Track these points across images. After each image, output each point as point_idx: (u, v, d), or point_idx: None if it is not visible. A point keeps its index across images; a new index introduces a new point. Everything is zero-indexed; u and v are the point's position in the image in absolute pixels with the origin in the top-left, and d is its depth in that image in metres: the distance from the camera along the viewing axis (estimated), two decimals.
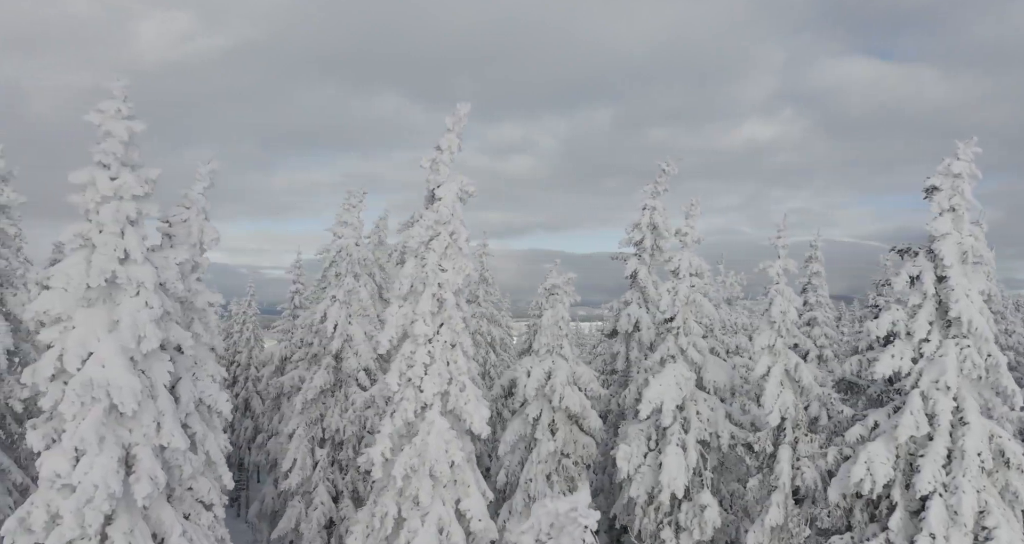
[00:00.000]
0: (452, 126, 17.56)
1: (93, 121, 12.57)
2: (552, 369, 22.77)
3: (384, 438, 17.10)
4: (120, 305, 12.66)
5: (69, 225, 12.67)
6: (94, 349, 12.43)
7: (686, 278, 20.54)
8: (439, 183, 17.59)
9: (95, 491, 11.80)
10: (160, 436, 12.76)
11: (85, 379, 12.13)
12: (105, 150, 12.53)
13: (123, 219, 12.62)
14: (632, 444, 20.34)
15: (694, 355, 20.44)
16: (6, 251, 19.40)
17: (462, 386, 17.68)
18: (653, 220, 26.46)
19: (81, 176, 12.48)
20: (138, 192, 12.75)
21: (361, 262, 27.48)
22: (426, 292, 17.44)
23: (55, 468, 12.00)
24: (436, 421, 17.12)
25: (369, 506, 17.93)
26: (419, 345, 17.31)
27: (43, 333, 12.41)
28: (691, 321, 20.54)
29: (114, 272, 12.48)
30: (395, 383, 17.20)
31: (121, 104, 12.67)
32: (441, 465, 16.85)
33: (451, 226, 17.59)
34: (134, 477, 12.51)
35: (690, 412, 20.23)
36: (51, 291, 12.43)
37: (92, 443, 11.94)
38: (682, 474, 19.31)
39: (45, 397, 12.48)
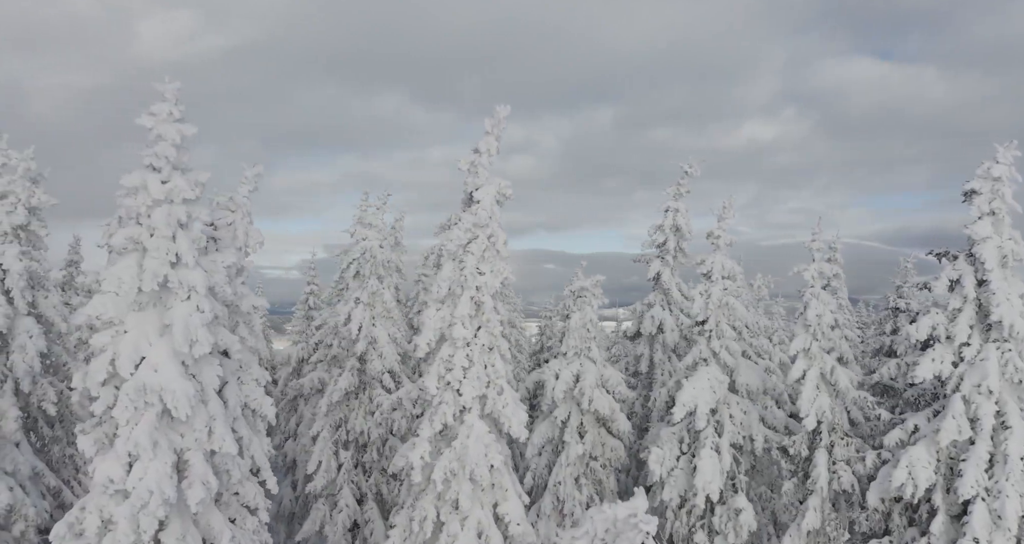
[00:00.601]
0: (491, 129, 17.51)
1: (145, 124, 12.49)
2: (580, 372, 22.72)
3: (423, 441, 17.02)
4: (171, 309, 12.58)
5: (120, 229, 12.59)
6: (146, 353, 12.37)
7: (719, 281, 20.49)
8: (477, 186, 17.53)
9: (150, 497, 11.72)
10: (212, 441, 12.68)
11: (138, 384, 12.06)
12: (157, 153, 12.45)
13: (174, 223, 12.55)
14: (664, 447, 20.28)
15: (727, 358, 20.40)
16: (37, 253, 19.30)
17: (500, 389, 17.62)
18: (676, 222, 26.44)
19: (133, 179, 12.40)
20: (189, 195, 12.67)
21: (385, 264, 27.38)
22: (464, 295, 17.38)
23: (108, 473, 11.91)
24: (475, 425, 17.06)
25: (406, 510, 17.87)
26: (457, 348, 17.24)
27: (95, 337, 12.33)
28: (723, 324, 20.49)
29: (166, 276, 12.41)
30: (433, 386, 17.13)
31: (172, 107, 12.59)
32: (481, 469, 16.79)
33: (489, 229, 17.53)
34: (186, 483, 12.43)
35: (723, 415, 20.18)
36: (102, 295, 12.35)
37: (146, 448, 11.86)
38: (717, 477, 19.27)
39: (97, 402, 12.40)
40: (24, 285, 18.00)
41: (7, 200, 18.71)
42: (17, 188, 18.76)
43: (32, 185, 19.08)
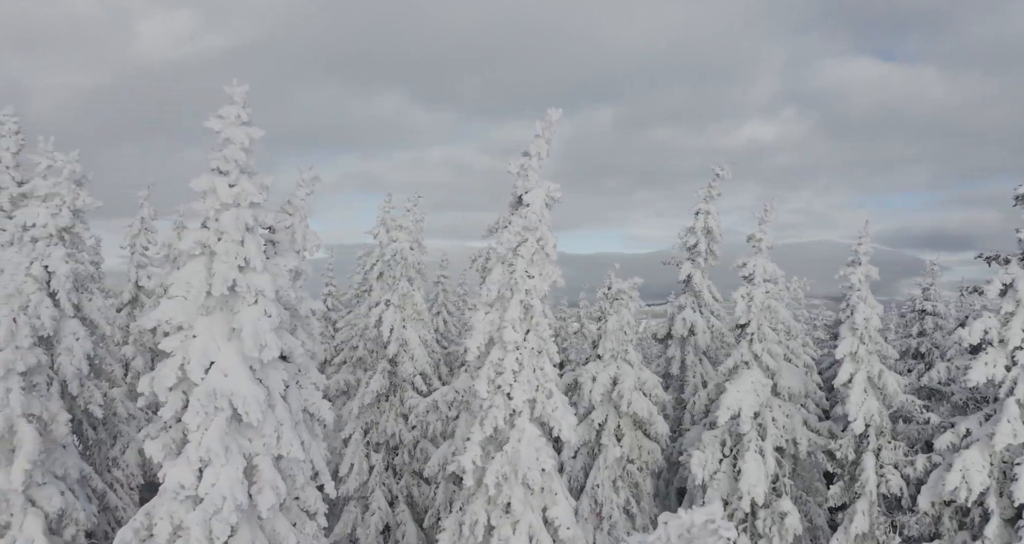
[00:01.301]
0: (541, 131, 17.44)
1: (214, 127, 12.43)
2: (618, 375, 22.67)
3: (474, 445, 16.96)
4: (239, 313, 12.52)
5: (189, 233, 12.53)
6: (215, 358, 12.30)
7: (761, 284, 20.44)
8: (527, 189, 17.46)
9: (223, 502, 11.66)
10: (280, 446, 12.62)
11: (209, 389, 12.00)
12: (226, 156, 12.39)
13: (242, 226, 12.49)
14: (706, 450, 20.23)
15: (769, 361, 20.34)
16: (81, 255, 19.22)
17: (548, 393, 17.58)
18: (707, 224, 26.43)
19: (202, 183, 12.35)
20: (256, 199, 12.62)
21: (415, 266, 27.32)
22: (514, 299, 17.33)
23: (179, 479, 11.85)
24: (527, 428, 17.01)
25: (456, 514, 17.81)
26: (508, 352, 17.19)
27: (164, 342, 12.27)
28: (765, 327, 20.44)
29: (234, 280, 12.35)
30: (484, 390, 17.07)
31: (241, 110, 12.53)
32: (533, 473, 16.74)
33: (538, 232, 17.48)
34: (255, 488, 12.37)
35: (765, 418, 20.13)
36: (171, 300, 12.28)
37: (218, 453, 11.80)
38: (762, 481, 19.21)
39: (165, 407, 12.34)
40: (70, 287, 17.90)
41: (52, 202, 18.62)
42: (62, 190, 18.66)
43: (76, 187, 18.98)
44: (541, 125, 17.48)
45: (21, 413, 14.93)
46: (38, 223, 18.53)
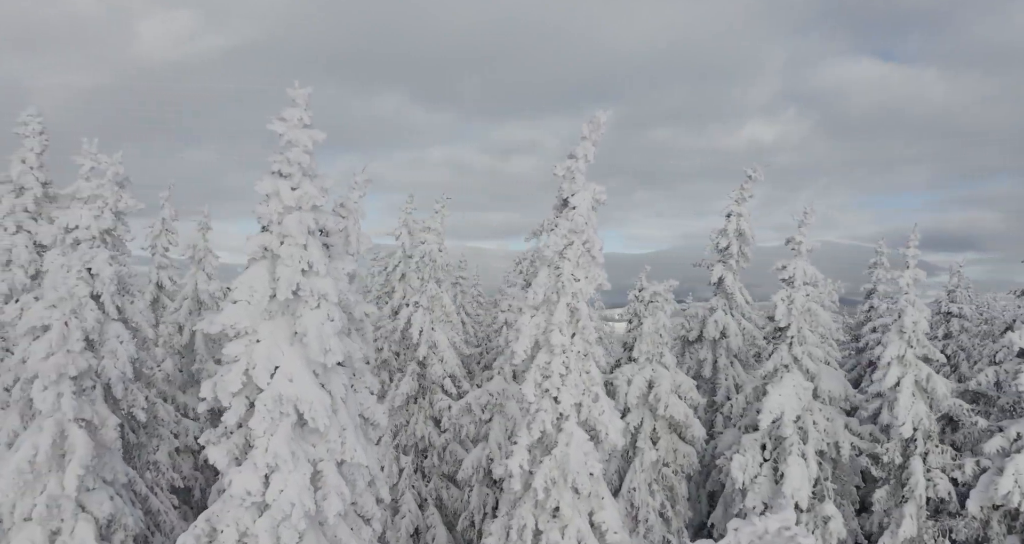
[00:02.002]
0: (588, 134, 17.37)
1: (277, 130, 12.36)
2: (654, 378, 22.61)
3: (521, 449, 16.87)
4: (302, 318, 12.44)
5: (252, 237, 12.45)
6: (279, 363, 12.22)
7: (801, 287, 20.37)
8: (574, 192, 17.38)
9: (291, 509, 11.58)
10: (344, 451, 12.53)
11: (275, 394, 11.92)
12: (289, 159, 12.32)
13: (305, 230, 12.41)
14: (747, 454, 20.15)
15: (809, 364, 20.27)
16: (122, 257, 19.13)
17: (595, 397, 17.50)
18: (740, 227, 26.36)
19: (266, 186, 12.27)
20: (318, 202, 12.55)
21: (444, 268, 27.23)
22: (560, 302, 17.26)
23: (246, 486, 11.76)
24: (575, 432, 16.92)
25: (502, 518, 17.71)
26: (555, 355, 17.11)
27: (228, 347, 12.18)
28: (805, 330, 20.37)
29: (298, 284, 12.26)
30: (531, 393, 16.98)
31: (303, 113, 12.46)
32: (582, 477, 16.67)
33: (584, 235, 17.39)
34: (320, 494, 12.28)
35: (807, 422, 20.06)
36: (235, 304, 12.20)
37: (286, 460, 11.71)
38: (805, 485, 19.14)
39: (228, 412, 12.26)
40: (114, 290, 17.78)
41: (95, 204, 18.53)
42: (105, 192, 18.57)
43: (119, 189, 18.90)
44: (588, 127, 17.40)
45: (73, 418, 14.84)
46: (81, 225, 18.44)
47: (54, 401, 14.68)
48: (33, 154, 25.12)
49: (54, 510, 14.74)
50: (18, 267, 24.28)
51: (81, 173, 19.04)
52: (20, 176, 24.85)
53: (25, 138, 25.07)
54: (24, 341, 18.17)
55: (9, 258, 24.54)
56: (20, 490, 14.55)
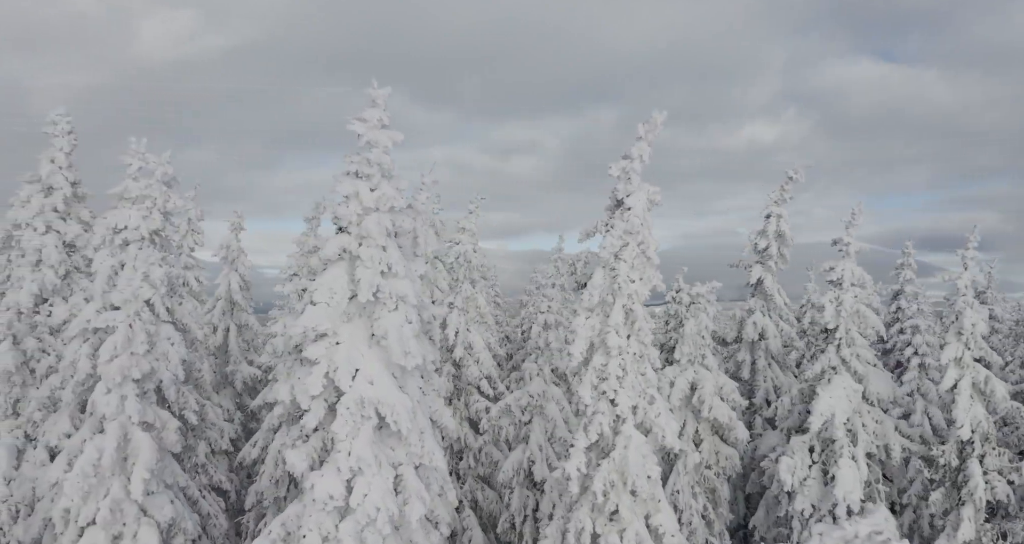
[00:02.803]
0: (644, 134, 17.25)
1: (357, 131, 12.23)
2: (696, 380, 22.50)
3: (579, 452, 16.74)
4: (380, 320, 12.33)
5: (332, 238, 12.32)
6: (359, 366, 12.09)
7: (849, 288, 20.28)
8: (629, 192, 17.27)
9: (377, 513, 11.46)
10: (423, 454, 12.41)
11: (357, 397, 11.80)
12: (369, 160, 12.20)
13: (384, 231, 12.29)
14: (796, 456, 20.05)
15: (857, 366, 20.19)
16: (172, 258, 18.97)
17: (651, 399, 17.40)
18: (780, 228, 26.25)
19: (346, 187, 12.14)
20: (396, 203, 12.42)
21: (479, 268, 27.09)
22: (617, 303, 17.14)
23: (329, 490, 11.63)
24: (633, 435, 16.81)
25: (558, 521, 17.58)
26: (611, 357, 16.99)
27: (309, 349, 12.05)
28: (854, 332, 20.28)
29: (378, 286, 12.14)
30: (588, 396, 16.87)
31: (382, 113, 12.34)
32: (641, 480, 16.56)
33: (640, 236, 17.29)
34: (401, 498, 12.16)
35: (856, 424, 19.97)
36: (315, 306, 12.08)
37: (370, 464, 11.60)
38: (857, 487, 19.03)
39: (307, 415, 12.12)
40: (164, 291, 17.65)
41: (144, 204, 18.38)
42: (154, 192, 18.43)
43: (166, 189, 18.74)
44: (644, 128, 17.28)
45: (137, 421, 14.70)
46: (129, 226, 18.30)
47: (118, 404, 14.54)
48: (62, 154, 25.03)
49: (117, 514, 14.60)
50: (48, 267, 24.17)
51: (129, 173, 18.88)
52: (49, 176, 24.74)
53: (54, 138, 24.98)
54: (75, 343, 18.05)
55: (39, 258, 24.41)
56: (84, 494, 14.39)
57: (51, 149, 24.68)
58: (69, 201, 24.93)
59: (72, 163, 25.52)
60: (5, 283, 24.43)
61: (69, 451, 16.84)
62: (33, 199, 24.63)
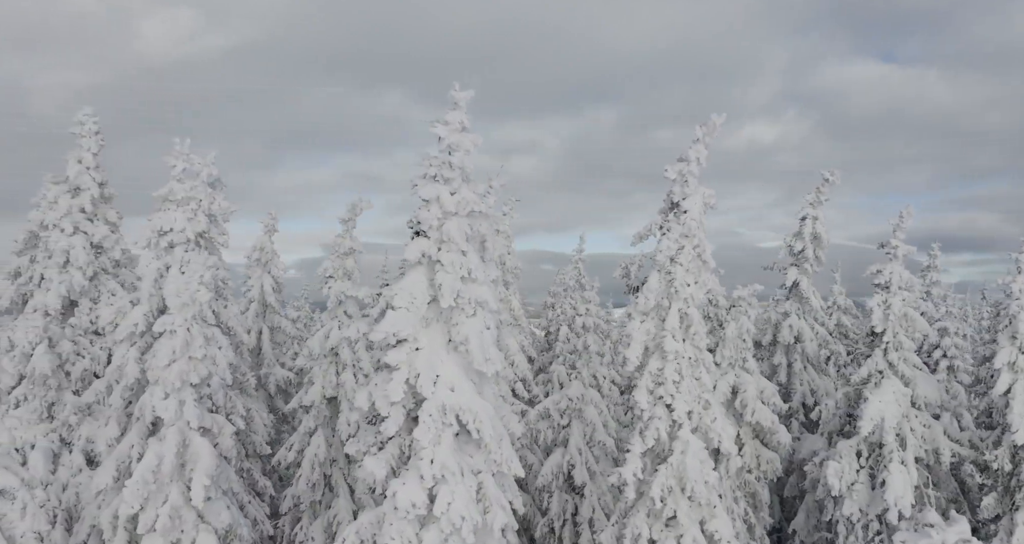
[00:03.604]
0: (702, 136, 17.08)
1: (439, 134, 12.01)
2: (737, 383, 22.35)
3: (635, 457, 16.57)
4: (458, 325, 12.11)
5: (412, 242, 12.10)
6: (440, 372, 11.88)
7: (897, 292, 20.16)
8: (685, 195, 17.11)
9: (462, 522, 11.25)
10: (503, 462, 12.21)
11: (439, 403, 11.59)
12: (452, 163, 11.99)
13: (464, 236, 12.08)
14: (843, 461, 19.92)
15: (905, 370, 20.07)
16: (216, 260, 18.73)
17: (706, 404, 17.24)
18: (816, 230, 26.12)
19: (428, 191, 11.92)
20: (476, 207, 12.21)
21: (512, 270, 26.89)
22: (673, 307, 16.98)
23: (412, 498, 11.42)
24: (691, 441, 16.65)
25: (614, 527, 17.41)
26: (668, 362, 16.83)
27: (390, 355, 11.82)
28: (901, 335, 20.16)
29: (458, 292, 11.93)
30: (644, 401, 16.70)
31: (464, 116, 12.12)
32: (699, 486, 16.41)
33: (696, 239, 17.14)
34: (482, 506, 11.95)
35: (904, 429, 19.86)
36: (396, 311, 11.85)
37: (454, 472, 11.39)
38: (908, 492, 18.93)
39: (387, 422, 11.90)
40: (211, 295, 17.41)
41: (188, 206, 18.13)
42: (199, 193, 18.19)
43: (211, 191, 18.50)
44: (702, 130, 17.12)
45: (196, 426, 14.45)
46: (175, 228, 18.06)
47: (176, 409, 14.30)
48: (89, 154, 24.74)
49: (176, 521, 14.36)
50: (76, 269, 23.88)
51: (173, 174, 18.66)
52: (77, 176, 24.44)
53: (81, 138, 24.69)
54: (122, 347, 17.80)
55: (67, 259, 24.11)
56: (144, 501, 14.14)
57: (78, 149, 24.38)
58: (96, 202, 24.64)
59: (99, 163, 25.24)
60: (27, 284, 24.10)
61: (118, 457, 16.59)
62: (60, 200, 24.31)
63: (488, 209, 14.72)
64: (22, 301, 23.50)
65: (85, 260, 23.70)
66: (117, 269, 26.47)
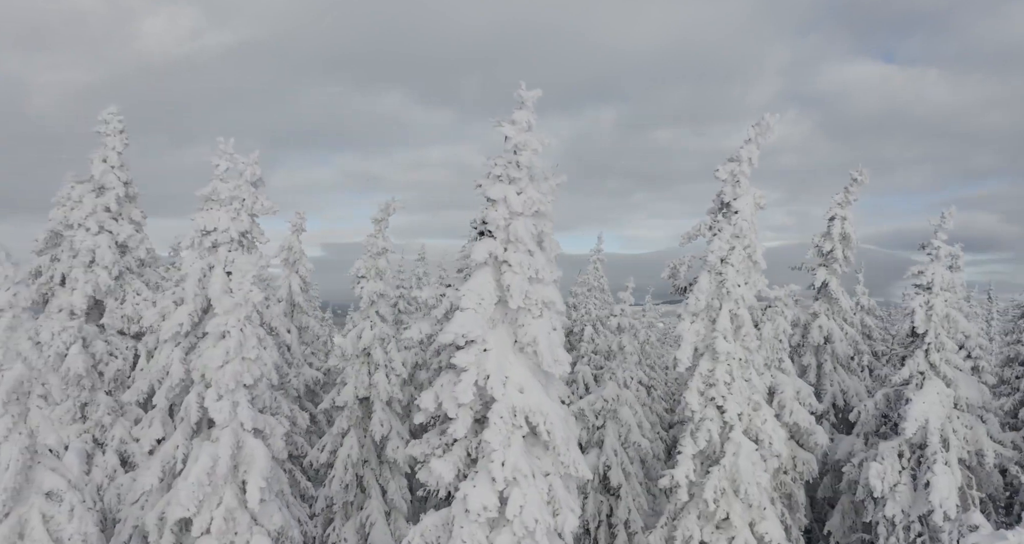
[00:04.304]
0: (754, 136, 16.99)
1: (507, 133, 11.87)
2: (774, 384, 22.23)
3: (687, 459, 16.49)
4: (524, 327, 11.98)
5: (479, 242, 11.96)
6: (509, 373, 11.75)
7: (939, 293, 20.05)
8: (737, 195, 17.01)
9: (535, 525, 11.12)
10: (569, 464, 12.08)
11: (509, 405, 11.45)
12: (519, 163, 11.85)
13: (531, 237, 11.95)
14: (885, 462, 19.82)
15: (947, 371, 19.97)
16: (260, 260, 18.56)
17: (756, 405, 17.15)
18: (844, 230, 26.00)
19: (496, 191, 11.79)
20: (542, 207, 12.08)
21: None
22: (724, 308, 16.89)
23: (483, 501, 11.28)
24: (743, 442, 16.56)
25: (663, 529, 17.31)
26: (719, 363, 16.74)
27: (458, 356, 11.69)
28: (943, 336, 20.06)
29: (526, 293, 11.80)
30: (695, 402, 16.60)
31: (531, 116, 11.99)
32: (752, 488, 16.30)
33: (747, 240, 17.04)
34: (551, 509, 11.82)
35: (947, 430, 19.76)
36: (464, 312, 11.72)
37: (527, 474, 11.27)
38: (953, 494, 18.83)
39: (455, 423, 11.77)
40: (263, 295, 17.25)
41: (231, 206, 17.96)
42: (243, 193, 18.01)
43: (253, 189, 18.33)
44: (754, 130, 17.02)
45: (250, 428, 14.31)
46: (219, 227, 17.89)
47: (230, 411, 14.13)
48: (114, 153, 24.59)
49: (230, 524, 14.20)
50: (102, 268, 23.74)
51: (217, 173, 18.45)
52: (102, 175, 24.29)
53: (106, 136, 24.54)
54: (167, 347, 17.64)
55: (92, 258, 23.97)
56: (199, 503, 13.98)
57: (103, 148, 24.23)
58: (121, 201, 24.49)
59: (124, 162, 25.10)
60: (49, 283, 23.96)
61: (162, 458, 16.44)
62: (85, 199, 24.17)
63: (546, 208, 14.64)
64: (43, 301, 23.34)
65: (111, 259, 23.57)
66: (142, 268, 26.35)
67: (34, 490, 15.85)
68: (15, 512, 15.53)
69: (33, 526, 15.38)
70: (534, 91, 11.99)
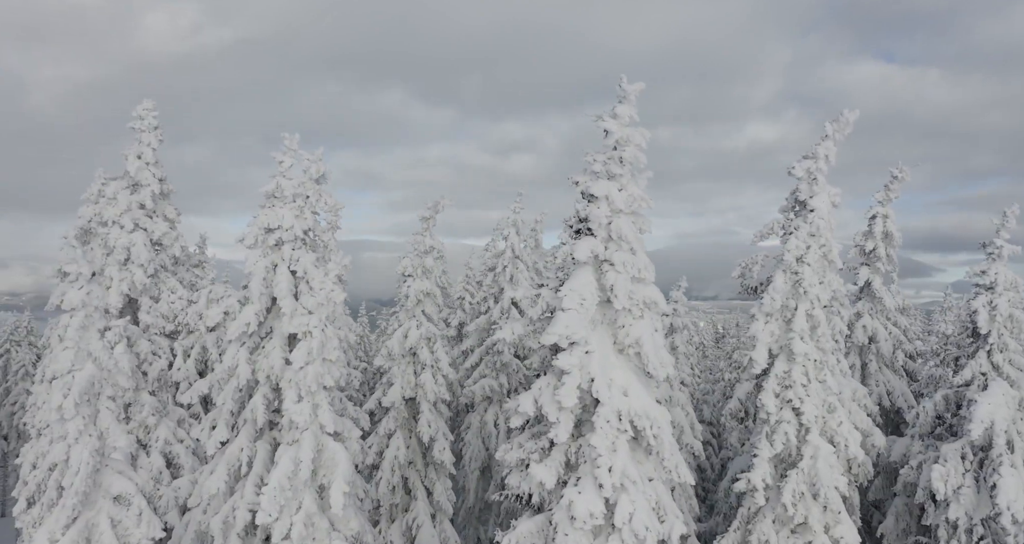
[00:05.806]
0: (831, 133, 16.68)
1: (608, 128, 11.55)
2: None
3: (763, 462, 16.19)
4: (625, 328, 11.68)
5: (580, 241, 11.65)
6: (612, 376, 11.45)
7: (1003, 293, 19.79)
8: (813, 193, 16.70)
9: (646, 533, 10.82)
10: (673, 470, 11.78)
11: (614, 409, 11.15)
12: (623, 159, 11.54)
13: (634, 235, 11.64)
14: (948, 464, 19.55)
15: (1010, 372, 19.71)
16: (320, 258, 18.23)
17: (830, 407, 16.87)
18: (887, 228, 25.70)
19: (599, 188, 11.47)
20: (639, 205, 11.77)
21: None
22: (800, 308, 16.60)
23: (590, 507, 10.98)
24: (821, 446, 16.26)
25: (736, 532, 17.00)
26: (795, 364, 16.44)
27: (561, 358, 11.38)
28: (1007, 337, 19.80)
29: (630, 292, 11.50)
30: (772, 405, 16.30)
31: (633, 110, 11.67)
32: (831, 492, 16.03)
33: (823, 239, 16.74)
34: (657, 515, 11.52)
35: (1012, 432, 19.50)
36: (566, 313, 11.41)
37: (634, 480, 10.96)
38: (1021, 496, 18.57)
39: (557, 427, 11.46)
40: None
41: (295, 203, 17.61)
42: (307, 189, 17.65)
43: (318, 187, 17.97)
44: (832, 127, 16.71)
45: (331, 430, 13.99)
46: (283, 225, 17.53)
47: (311, 413, 13.81)
48: (150, 149, 24.31)
49: (310, 529, 13.89)
50: (137, 266, 23.45)
51: (281, 170, 18.09)
52: (137, 172, 24.01)
53: (141, 133, 24.27)
54: (233, 347, 17.29)
55: (127, 256, 23.66)
56: (280, 508, 13.66)
57: (138, 144, 23.97)
58: (156, 198, 24.19)
59: (158, 159, 24.77)
60: None
61: (228, 461, 16.12)
62: (120, 196, 23.85)
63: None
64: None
65: (146, 257, 23.31)
66: (176, 266, 26.02)
67: (102, 494, 15.57)
68: (83, 516, 15.25)
69: (102, 531, 15.08)
70: (637, 84, 11.69)
